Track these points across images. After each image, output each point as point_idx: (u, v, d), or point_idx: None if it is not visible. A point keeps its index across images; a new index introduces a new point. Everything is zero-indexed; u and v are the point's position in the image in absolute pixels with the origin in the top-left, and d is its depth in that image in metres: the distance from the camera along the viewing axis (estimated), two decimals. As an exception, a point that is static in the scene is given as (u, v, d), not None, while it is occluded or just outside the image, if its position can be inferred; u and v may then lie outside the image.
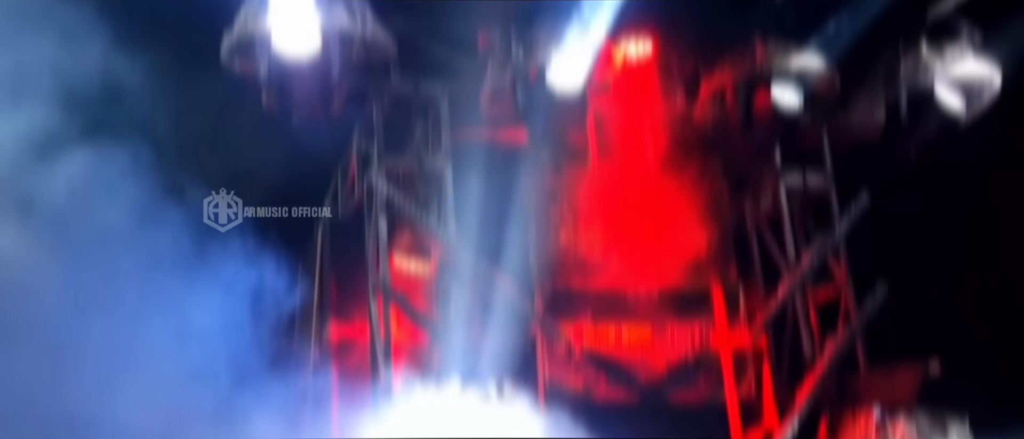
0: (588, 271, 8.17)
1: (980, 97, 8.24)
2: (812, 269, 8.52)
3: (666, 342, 8.39)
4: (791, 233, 8.77)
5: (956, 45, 8.02)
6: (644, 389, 8.18)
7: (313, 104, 6.80)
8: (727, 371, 8.60)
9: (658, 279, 8.37)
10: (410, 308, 7.20)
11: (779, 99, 7.94)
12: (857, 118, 8.87)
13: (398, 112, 8.02)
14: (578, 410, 7.94)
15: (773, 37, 8.02)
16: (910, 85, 8.18)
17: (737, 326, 8.77)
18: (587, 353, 8.04)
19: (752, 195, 9.33)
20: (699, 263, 8.53)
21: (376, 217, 7.54)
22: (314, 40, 6.42)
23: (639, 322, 8.38)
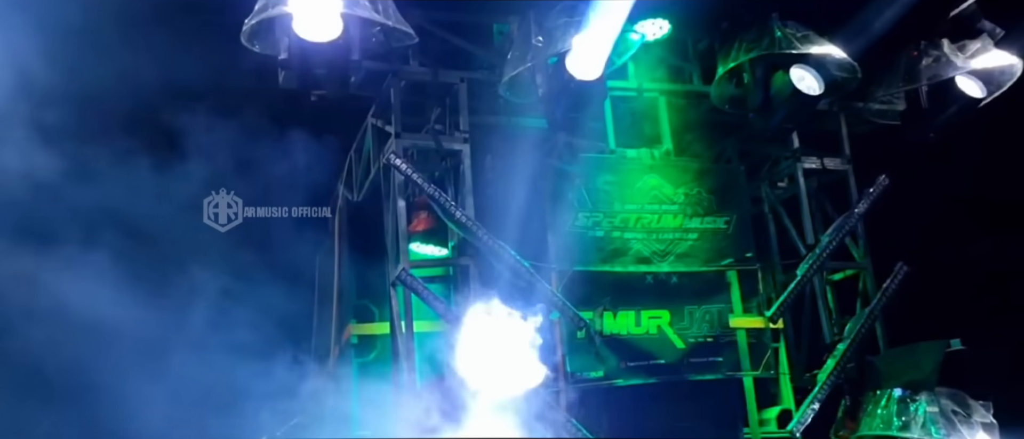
0: (606, 256, 8.15)
1: (1000, 83, 8.20)
2: (830, 250, 8.50)
3: (684, 325, 8.40)
4: (809, 215, 8.76)
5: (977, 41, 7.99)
6: (663, 372, 8.19)
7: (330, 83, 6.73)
8: (745, 353, 8.62)
9: (676, 263, 8.36)
10: (430, 296, 7.16)
11: (797, 82, 7.87)
12: (876, 105, 8.85)
13: (415, 95, 7.97)
14: (597, 394, 7.98)
15: (792, 22, 7.95)
16: (930, 77, 8.14)
17: (755, 308, 8.79)
18: (606, 337, 8.04)
19: (769, 177, 9.32)
20: (717, 246, 8.52)
21: (394, 197, 7.49)
22: (335, 24, 6.34)
23: (657, 306, 8.37)
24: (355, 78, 7.37)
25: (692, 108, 9.04)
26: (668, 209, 8.40)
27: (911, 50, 8.29)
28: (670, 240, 8.38)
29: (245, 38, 6.49)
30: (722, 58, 8.31)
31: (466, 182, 7.56)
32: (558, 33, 7.18)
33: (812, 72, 7.87)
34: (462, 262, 7.60)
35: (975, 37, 8.07)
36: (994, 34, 8.04)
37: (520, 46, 7.37)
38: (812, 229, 8.74)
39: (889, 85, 8.56)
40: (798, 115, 8.16)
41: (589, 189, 8.17)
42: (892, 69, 8.44)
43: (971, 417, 7.42)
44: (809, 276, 8.43)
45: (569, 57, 7.14)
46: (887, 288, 8.39)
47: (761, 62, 7.99)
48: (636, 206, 8.30)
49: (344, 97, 7.14)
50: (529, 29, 7.26)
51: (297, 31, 6.28)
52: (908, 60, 8.27)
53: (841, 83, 8.13)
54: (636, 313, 8.24)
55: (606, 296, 8.16)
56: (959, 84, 8.13)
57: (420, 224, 8.44)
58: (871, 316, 8.35)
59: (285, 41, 6.38)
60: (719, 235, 8.53)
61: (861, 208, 8.59)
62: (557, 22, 7.22)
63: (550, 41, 7.20)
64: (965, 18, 8.06)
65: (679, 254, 8.39)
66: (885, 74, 8.54)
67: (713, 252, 8.50)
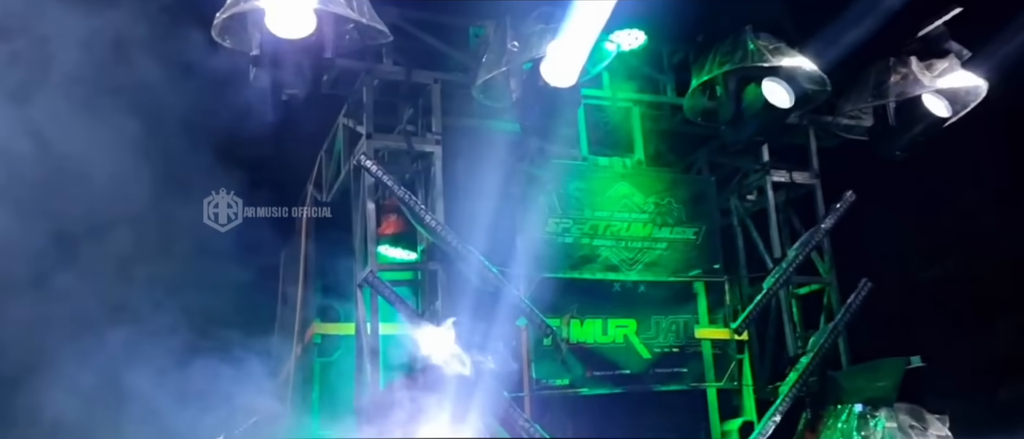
0: (575, 263, 8.15)
1: (965, 103, 8.35)
2: (796, 265, 8.58)
3: (651, 335, 8.42)
4: (776, 228, 8.84)
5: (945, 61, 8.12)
6: (628, 383, 8.21)
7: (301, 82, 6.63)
8: (709, 364, 8.67)
9: (644, 272, 8.39)
10: (397, 299, 7.09)
11: (769, 95, 7.93)
12: (844, 120, 8.96)
13: (388, 95, 7.90)
14: (562, 403, 7.98)
15: (765, 35, 8.01)
16: (898, 94, 8.25)
17: (721, 320, 8.85)
18: (573, 345, 8.03)
19: (739, 190, 9.39)
20: (685, 256, 8.56)
21: (363, 199, 7.41)
22: (308, 20, 6.24)
23: (624, 315, 8.39)
24: (328, 77, 7.31)
25: (665, 119, 9.10)
26: (638, 218, 8.42)
27: (880, 65, 8.40)
28: (639, 249, 8.40)
29: (216, 33, 6.36)
30: (696, 71, 8.35)
31: (437, 185, 7.50)
32: (534, 39, 7.15)
33: (783, 85, 7.93)
34: (430, 267, 7.53)
35: (943, 57, 8.20)
36: (961, 55, 8.19)
37: (495, 50, 7.33)
38: (779, 242, 8.82)
39: (857, 100, 8.66)
40: (768, 128, 8.22)
41: (560, 195, 8.16)
42: (861, 84, 8.55)
43: (928, 431, 7.54)
44: (775, 289, 8.50)
45: (544, 63, 7.11)
46: (851, 304, 8.48)
47: (734, 75, 8.04)
48: (606, 214, 8.31)
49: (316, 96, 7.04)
50: (505, 33, 7.22)
51: (269, 27, 6.16)
52: (877, 75, 8.38)
53: (811, 96, 8.21)
54: (603, 321, 8.26)
55: (574, 303, 8.16)
56: (926, 102, 8.24)
57: (389, 227, 8.37)
58: (834, 331, 8.43)
59: (257, 37, 6.26)
60: (688, 246, 8.57)
61: (827, 223, 8.68)
62: (533, 28, 7.19)
63: (526, 47, 7.16)
64: (933, 38, 8.19)
65: (647, 263, 8.41)
66: (854, 88, 8.65)
67: (681, 262, 8.54)
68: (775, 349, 8.93)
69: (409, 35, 7.68)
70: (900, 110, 8.39)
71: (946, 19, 8.04)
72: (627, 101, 8.82)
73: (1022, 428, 8.38)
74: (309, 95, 6.82)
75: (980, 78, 8.13)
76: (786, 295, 8.77)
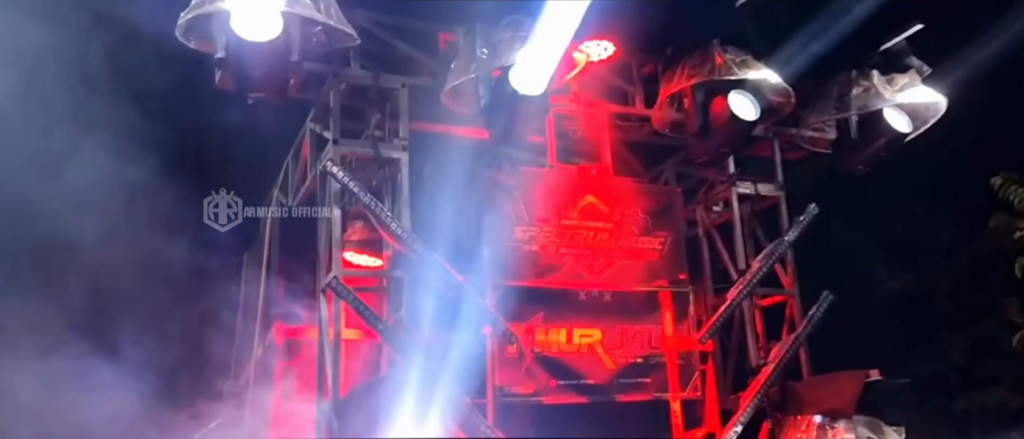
0: (541, 271, 8.15)
1: (925, 119, 8.49)
2: (760, 276, 8.65)
3: (615, 344, 8.45)
4: (741, 240, 8.92)
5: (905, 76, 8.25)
6: (592, 392, 8.22)
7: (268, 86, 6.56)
8: (673, 374, 8.71)
9: (609, 281, 8.41)
10: (360, 305, 7.04)
11: (735, 107, 8.00)
12: (808, 132, 9.07)
13: (356, 101, 7.86)
14: (525, 411, 7.96)
15: (732, 47, 8.10)
16: (860, 107, 8.37)
17: (685, 330, 8.90)
18: (537, 354, 8.03)
19: (705, 201, 9.46)
20: (650, 266, 8.61)
21: (329, 205, 7.35)
22: (274, 22, 6.18)
23: (589, 324, 8.40)
24: (295, 81, 7.24)
25: (633, 129, 9.15)
26: (605, 227, 8.45)
27: (843, 78, 8.52)
28: (605, 258, 8.43)
29: (180, 33, 6.27)
30: (665, 82, 8.42)
31: (403, 192, 7.46)
32: (503, 46, 7.15)
33: (749, 97, 8.01)
34: (395, 274, 7.49)
35: (904, 72, 8.34)
36: (922, 71, 8.32)
37: (464, 56, 7.32)
38: (744, 254, 8.89)
39: (821, 112, 8.76)
40: (734, 140, 8.30)
41: (526, 203, 8.16)
42: (824, 96, 8.65)
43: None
44: (739, 300, 8.57)
45: (512, 71, 7.12)
46: (813, 315, 8.57)
47: (702, 88, 8.11)
48: (573, 222, 8.33)
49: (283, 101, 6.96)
50: (474, 40, 7.22)
51: (235, 29, 6.09)
52: (839, 88, 8.49)
53: (776, 108, 8.31)
54: (568, 330, 8.26)
55: (539, 312, 8.16)
56: (887, 117, 8.37)
57: (355, 233, 8.32)
58: (796, 342, 8.51)
59: (222, 39, 6.19)
60: (653, 255, 8.62)
61: (791, 236, 8.77)
62: (502, 36, 7.20)
63: (495, 53, 7.17)
64: (895, 53, 8.32)
65: (613, 272, 8.44)
66: (818, 101, 8.75)
67: (647, 272, 8.58)
68: (739, 359, 9.00)
69: (377, 39, 7.64)
70: (862, 124, 8.50)
71: (907, 35, 8.17)
72: (595, 110, 8.85)
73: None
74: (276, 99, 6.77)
75: (940, 94, 8.26)
76: (750, 306, 8.84)
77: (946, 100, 8.29)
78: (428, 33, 7.91)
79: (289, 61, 6.45)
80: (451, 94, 7.43)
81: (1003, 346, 11.70)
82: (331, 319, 7.10)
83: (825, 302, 8.60)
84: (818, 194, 9.01)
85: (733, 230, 8.95)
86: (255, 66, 6.36)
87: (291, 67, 6.55)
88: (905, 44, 8.24)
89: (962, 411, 12.51)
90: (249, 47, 6.19)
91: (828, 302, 8.60)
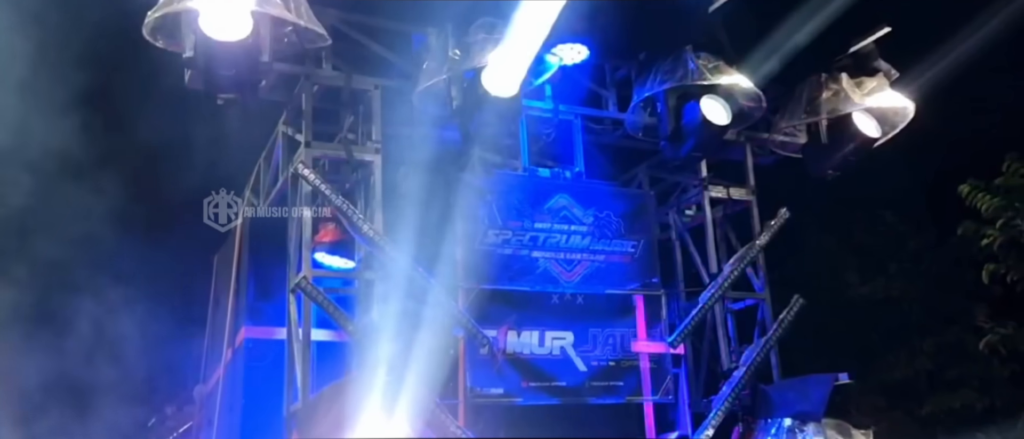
0: (513, 274, 8.14)
1: (894, 124, 8.58)
2: (732, 280, 8.70)
3: (588, 347, 8.45)
4: (713, 243, 8.96)
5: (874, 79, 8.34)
6: (564, 395, 8.21)
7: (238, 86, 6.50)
8: (645, 377, 8.72)
9: (582, 285, 8.42)
10: (330, 306, 6.99)
11: (707, 112, 8.06)
12: (779, 137, 9.15)
13: (328, 102, 7.81)
14: (498, 414, 7.94)
15: (705, 52, 8.15)
16: (829, 111, 8.45)
17: (658, 333, 8.92)
18: (509, 355, 8.01)
19: (678, 204, 9.51)
20: (623, 270, 8.63)
21: (300, 208, 7.30)
22: (244, 22, 6.13)
23: (562, 326, 8.40)
24: (266, 82, 7.19)
25: (606, 133, 9.17)
26: (577, 230, 8.47)
27: (812, 81, 8.59)
28: (578, 261, 8.45)
29: (147, 31, 6.18)
30: (638, 87, 8.46)
31: (376, 195, 7.43)
32: (476, 48, 7.15)
33: (721, 102, 8.07)
34: (366, 276, 7.45)
35: (872, 75, 8.42)
36: (889, 75, 8.41)
37: (437, 57, 7.30)
38: (716, 258, 8.94)
39: (792, 116, 8.84)
40: (707, 145, 8.34)
41: (499, 206, 8.15)
42: (795, 100, 8.73)
43: (855, 447, 7.71)
44: (711, 304, 8.61)
45: (485, 72, 7.12)
46: (783, 319, 8.62)
47: (674, 92, 8.16)
48: (546, 225, 8.34)
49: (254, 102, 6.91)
50: (447, 41, 7.21)
51: (203, 29, 6.02)
52: (809, 91, 8.56)
53: (748, 112, 8.36)
54: (540, 333, 8.25)
55: (511, 314, 8.14)
56: (856, 122, 8.45)
57: (327, 235, 8.24)
58: (767, 345, 8.56)
59: (191, 38, 6.12)
60: (626, 259, 8.64)
61: (762, 240, 8.82)
62: (475, 37, 7.19)
63: (467, 55, 7.16)
64: (863, 56, 8.40)
65: (586, 275, 8.46)
66: (788, 104, 8.82)
67: (619, 275, 8.60)
68: (710, 363, 9.04)
69: (350, 39, 7.60)
70: (832, 128, 8.58)
71: (875, 38, 8.26)
72: (569, 114, 8.87)
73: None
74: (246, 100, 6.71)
75: (908, 99, 8.36)
76: (722, 310, 8.89)
77: (913, 105, 8.38)
78: (400, 33, 7.88)
79: (260, 61, 6.40)
80: (423, 95, 7.41)
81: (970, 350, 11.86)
82: (300, 320, 7.04)
83: (796, 306, 8.67)
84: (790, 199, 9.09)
85: (705, 234, 8.99)
86: (225, 66, 6.28)
87: (262, 68, 6.50)
88: (873, 47, 8.33)
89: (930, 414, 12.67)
90: (218, 47, 6.12)
91: (798, 306, 8.67)
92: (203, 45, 6.11)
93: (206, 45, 6.12)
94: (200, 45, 6.12)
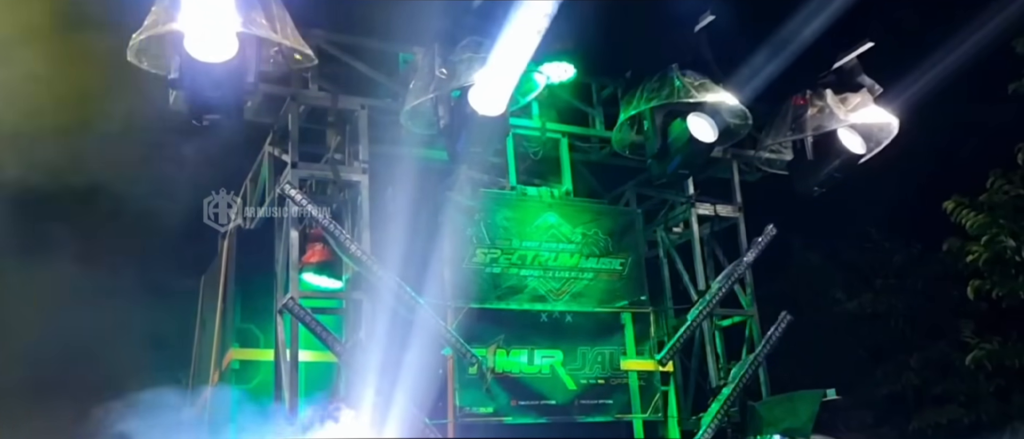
0: (502, 294, 8.13)
1: (878, 140, 8.63)
2: (720, 297, 8.71)
3: (577, 366, 8.43)
4: (701, 260, 8.98)
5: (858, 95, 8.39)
6: (553, 413, 8.18)
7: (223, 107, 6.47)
8: (636, 396, 8.70)
9: (571, 303, 8.41)
10: (317, 326, 6.95)
11: (693, 129, 8.09)
12: (766, 154, 9.19)
13: (314, 123, 7.80)
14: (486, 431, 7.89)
15: (690, 70, 8.19)
16: (815, 128, 8.49)
17: (647, 351, 8.90)
18: (498, 374, 7.98)
19: (665, 222, 9.53)
20: (611, 287, 8.62)
21: (287, 228, 7.27)
22: (229, 43, 6.11)
23: (550, 345, 8.38)
24: (251, 102, 7.17)
25: (593, 151, 9.22)
26: (565, 248, 8.47)
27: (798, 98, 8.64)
28: (566, 279, 8.44)
29: (132, 54, 6.14)
30: (624, 105, 8.49)
31: (363, 215, 7.41)
32: (462, 67, 7.15)
33: (707, 120, 8.11)
34: (355, 296, 7.41)
35: (856, 91, 8.48)
36: (873, 90, 8.47)
37: (423, 76, 7.31)
38: (704, 275, 8.95)
39: (778, 133, 8.87)
40: (693, 162, 8.37)
41: (488, 225, 8.15)
42: (781, 117, 8.77)
43: (843, 463, 7.71)
44: (699, 321, 8.61)
45: (472, 92, 7.13)
46: (771, 336, 8.64)
47: (661, 110, 8.20)
48: (534, 244, 8.34)
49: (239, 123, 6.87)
50: (433, 60, 7.22)
51: (189, 50, 5.99)
52: (795, 108, 8.61)
53: (734, 130, 8.40)
54: (529, 351, 8.23)
55: (500, 333, 8.12)
56: (842, 138, 8.50)
57: (314, 255, 8.19)
58: (755, 362, 8.56)
59: (176, 60, 6.09)
60: (614, 277, 8.65)
61: (749, 257, 8.85)
62: (462, 56, 7.20)
63: (454, 74, 7.16)
64: (846, 72, 8.46)
65: (574, 294, 8.45)
66: (774, 121, 8.86)
67: (608, 293, 8.60)
68: (699, 380, 9.03)
69: (336, 60, 7.61)
70: (817, 145, 8.62)
71: (858, 53, 8.32)
72: (556, 132, 8.90)
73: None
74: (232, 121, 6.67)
75: (892, 115, 8.41)
76: (710, 327, 8.89)
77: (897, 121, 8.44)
78: (387, 54, 7.89)
79: (246, 82, 6.35)
80: (410, 115, 7.42)
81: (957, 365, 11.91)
82: (286, 341, 6.99)
83: (783, 322, 8.68)
84: (777, 215, 9.12)
85: (693, 251, 9.01)
86: (210, 87, 6.24)
87: (247, 89, 6.45)
88: (856, 62, 8.39)
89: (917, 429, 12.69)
90: (203, 68, 6.09)
91: (786, 322, 8.69)
92: (188, 66, 6.08)
93: (191, 66, 6.08)
94: (185, 66, 6.09)
